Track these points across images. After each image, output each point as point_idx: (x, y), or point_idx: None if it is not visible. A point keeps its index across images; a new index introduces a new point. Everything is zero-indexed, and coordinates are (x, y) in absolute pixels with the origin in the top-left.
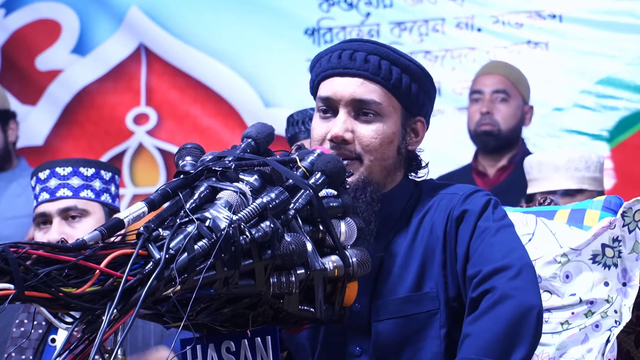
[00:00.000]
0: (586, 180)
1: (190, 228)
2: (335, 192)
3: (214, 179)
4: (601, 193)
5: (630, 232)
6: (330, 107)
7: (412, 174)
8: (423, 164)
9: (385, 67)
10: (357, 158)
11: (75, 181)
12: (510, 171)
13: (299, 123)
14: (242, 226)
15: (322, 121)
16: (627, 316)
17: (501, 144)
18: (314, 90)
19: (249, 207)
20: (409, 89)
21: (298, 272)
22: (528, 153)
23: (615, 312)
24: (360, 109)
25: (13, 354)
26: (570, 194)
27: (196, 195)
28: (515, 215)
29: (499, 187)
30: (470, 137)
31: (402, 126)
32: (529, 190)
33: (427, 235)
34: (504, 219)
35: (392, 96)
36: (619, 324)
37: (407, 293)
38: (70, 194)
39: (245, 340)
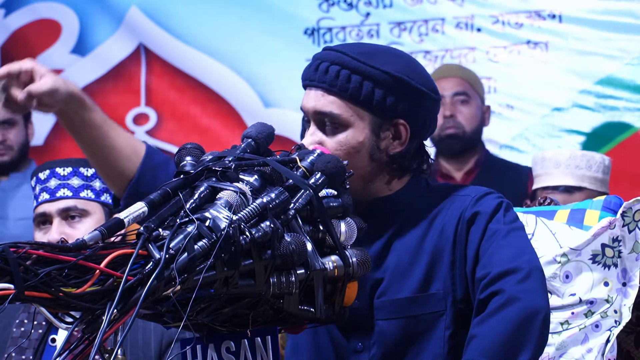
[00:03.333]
0: (586, 179)
1: (190, 228)
2: (335, 192)
3: (214, 179)
4: (605, 194)
5: (630, 232)
6: (307, 118)
7: (424, 173)
8: (422, 165)
9: (344, 76)
10: None
11: (76, 181)
12: (476, 174)
13: None
14: (242, 226)
15: (306, 131)
16: (627, 316)
17: (466, 146)
18: None
19: (249, 207)
20: (372, 96)
21: (298, 272)
22: (490, 155)
23: (615, 312)
24: (323, 121)
25: (13, 354)
26: (569, 190)
27: (196, 195)
28: None
29: None
30: (432, 141)
31: (372, 133)
32: (533, 187)
33: (437, 237)
34: (515, 221)
35: (354, 105)
36: (619, 324)
37: (414, 293)
38: (70, 194)
39: (245, 340)
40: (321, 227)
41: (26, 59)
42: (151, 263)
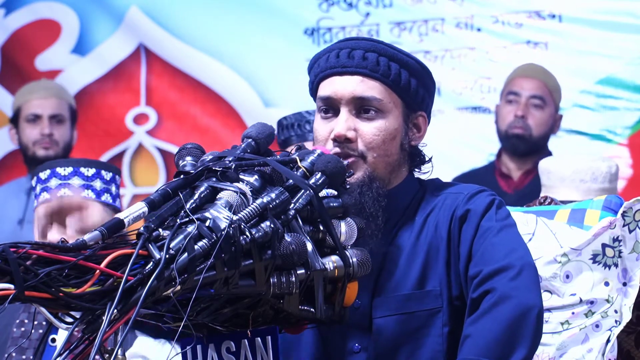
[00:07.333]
0: (592, 193)
1: (191, 228)
2: (336, 192)
3: (214, 179)
4: None
5: (630, 232)
6: (331, 107)
7: (417, 169)
8: (427, 159)
9: (384, 63)
10: (360, 156)
11: (76, 181)
12: (534, 174)
13: (292, 126)
14: (242, 226)
15: (324, 121)
16: (627, 316)
17: (530, 149)
18: (313, 91)
19: (249, 207)
20: (409, 84)
21: (298, 272)
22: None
23: (616, 312)
24: (362, 107)
25: (13, 354)
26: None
27: (196, 196)
28: (516, 215)
29: (523, 191)
30: (498, 136)
31: (404, 122)
32: (542, 194)
33: (431, 234)
34: (507, 218)
35: (393, 92)
36: (619, 323)
37: (410, 290)
38: (71, 194)
39: (246, 340)
40: (321, 227)
41: None
42: (151, 263)
